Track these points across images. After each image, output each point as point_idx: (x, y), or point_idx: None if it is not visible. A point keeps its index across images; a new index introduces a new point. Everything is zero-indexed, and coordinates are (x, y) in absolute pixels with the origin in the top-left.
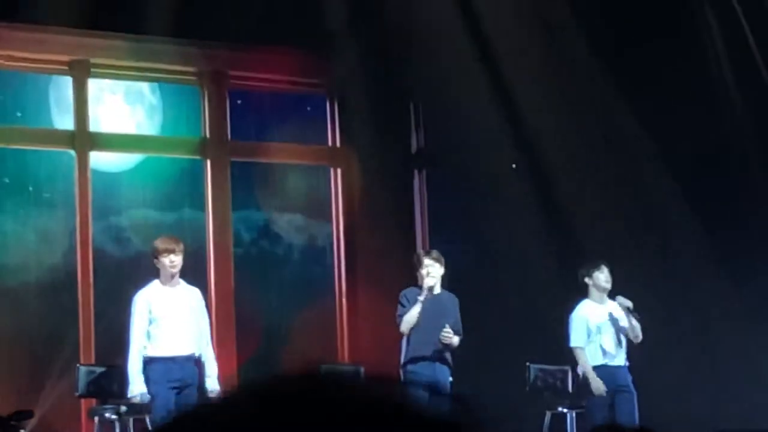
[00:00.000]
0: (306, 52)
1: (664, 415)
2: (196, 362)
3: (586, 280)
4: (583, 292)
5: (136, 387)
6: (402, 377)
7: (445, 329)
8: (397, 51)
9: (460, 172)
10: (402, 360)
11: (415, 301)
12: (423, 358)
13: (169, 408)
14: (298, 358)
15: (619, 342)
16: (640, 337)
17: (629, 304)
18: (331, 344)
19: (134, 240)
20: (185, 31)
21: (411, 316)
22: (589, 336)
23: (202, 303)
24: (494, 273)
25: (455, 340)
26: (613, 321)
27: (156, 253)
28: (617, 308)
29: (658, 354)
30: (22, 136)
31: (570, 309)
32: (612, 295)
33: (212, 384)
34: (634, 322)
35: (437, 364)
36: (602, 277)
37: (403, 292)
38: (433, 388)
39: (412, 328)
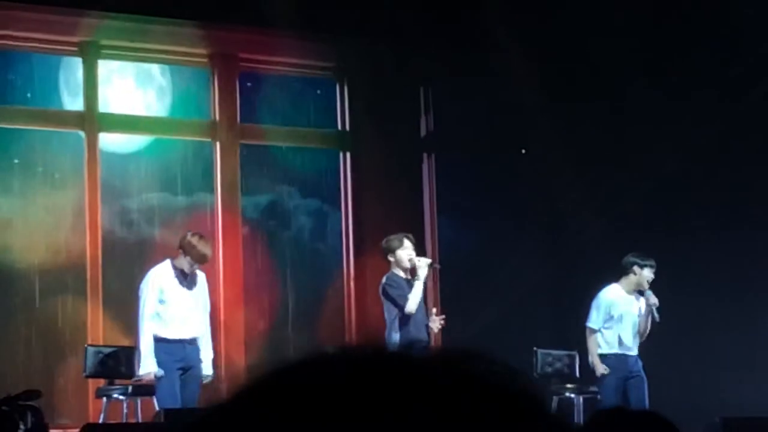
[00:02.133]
0: (316, 35)
1: (674, 401)
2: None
3: (635, 268)
4: (614, 276)
5: (148, 365)
6: None
7: (435, 314)
8: (407, 34)
9: (468, 156)
10: (396, 343)
11: (407, 288)
12: (416, 341)
13: (173, 389)
14: (307, 341)
15: (636, 334)
16: (645, 336)
17: (656, 301)
18: (340, 327)
19: (142, 221)
20: (196, 14)
21: (416, 295)
22: (609, 321)
23: (206, 286)
24: (502, 257)
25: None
26: (637, 313)
27: (189, 251)
28: (644, 303)
29: (668, 341)
30: (31, 117)
31: (580, 292)
32: None
33: (207, 369)
34: (650, 321)
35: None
36: (650, 276)
37: (386, 279)
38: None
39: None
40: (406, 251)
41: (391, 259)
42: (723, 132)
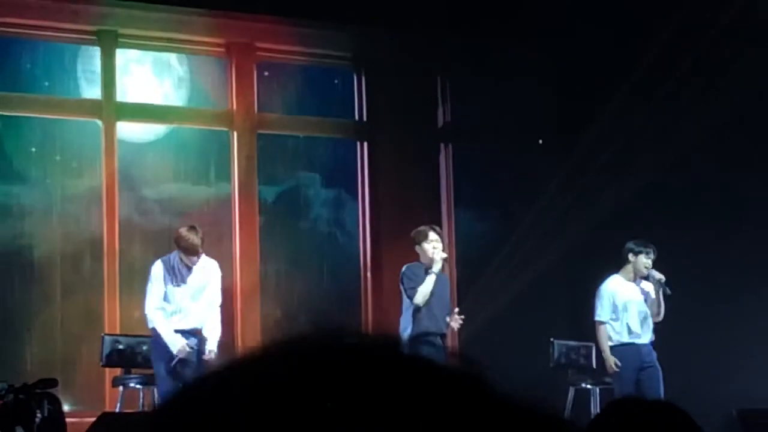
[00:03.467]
0: (334, 25)
1: (689, 392)
2: (199, 333)
3: (629, 256)
4: (617, 265)
5: (179, 343)
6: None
7: (456, 314)
8: (424, 25)
9: (485, 146)
10: (408, 334)
11: (424, 275)
12: (430, 334)
13: (169, 380)
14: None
15: (645, 320)
16: (662, 316)
17: (661, 276)
18: (356, 318)
19: (160, 210)
20: (214, 3)
21: (426, 288)
22: (615, 312)
23: (218, 275)
24: (519, 248)
25: (460, 322)
26: (643, 298)
27: (178, 244)
28: (648, 284)
29: (682, 332)
30: (49, 105)
31: (597, 284)
32: None
33: (211, 345)
34: (662, 298)
35: (439, 339)
36: (646, 262)
37: (407, 269)
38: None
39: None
40: (430, 244)
41: (418, 250)
42: (738, 120)
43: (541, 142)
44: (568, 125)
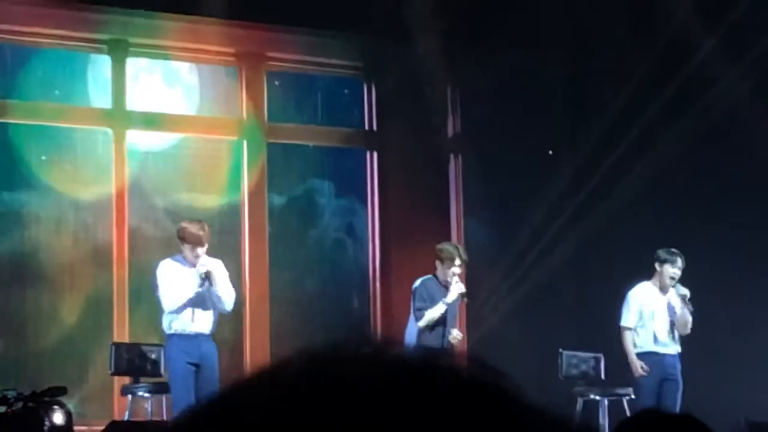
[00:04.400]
0: (344, 34)
1: (698, 403)
2: (214, 339)
3: (657, 265)
4: (643, 274)
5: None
6: None
7: (455, 333)
8: (434, 34)
9: (495, 157)
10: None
11: (438, 299)
12: (433, 349)
13: (187, 386)
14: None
15: (672, 330)
16: (689, 329)
17: (686, 292)
18: (365, 324)
19: (169, 219)
20: (224, 12)
21: (434, 315)
22: (641, 319)
23: (225, 274)
24: (528, 258)
25: (460, 337)
26: (669, 309)
27: (183, 236)
28: (674, 296)
29: (694, 342)
30: (59, 113)
31: (606, 293)
32: None
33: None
34: (687, 313)
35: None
36: (673, 271)
37: (421, 284)
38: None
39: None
40: (452, 269)
41: (437, 265)
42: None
43: (551, 152)
44: (578, 135)
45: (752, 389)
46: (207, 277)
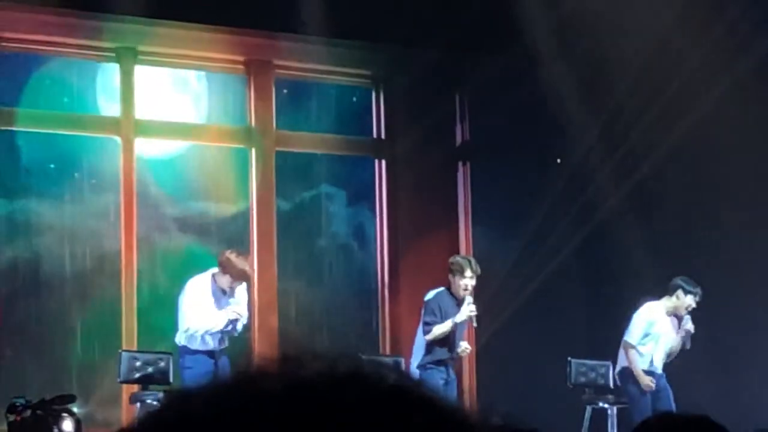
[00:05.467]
0: (352, 42)
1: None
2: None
3: (679, 292)
4: (650, 288)
5: (223, 319)
6: (419, 374)
7: (464, 346)
8: (443, 43)
9: (503, 165)
10: (419, 361)
11: (451, 313)
12: (441, 362)
13: None
14: (340, 348)
15: (667, 355)
16: (674, 356)
17: (691, 329)
18: (373, 336)
19: (178, 227)
20: (232, 20)
21: (442, 331)
22: (644, 338)
23: (245, 298)
24: (537, 266)
25: (469, 350)
26: (672, 336)
27: (228, 269)
28: (681, 328)
29: (699, 352)
30: (68, 122)
31: (614, 303)
32: None
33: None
34: (680, 346)
35: (450, 366)
36: (691, 302)
37: (434, 298)
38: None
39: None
40: (464, 282)
41: (450, 279)
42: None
43: (559, 161)
44: (586, 144)
45: (762, 398)
46: (234, 322)
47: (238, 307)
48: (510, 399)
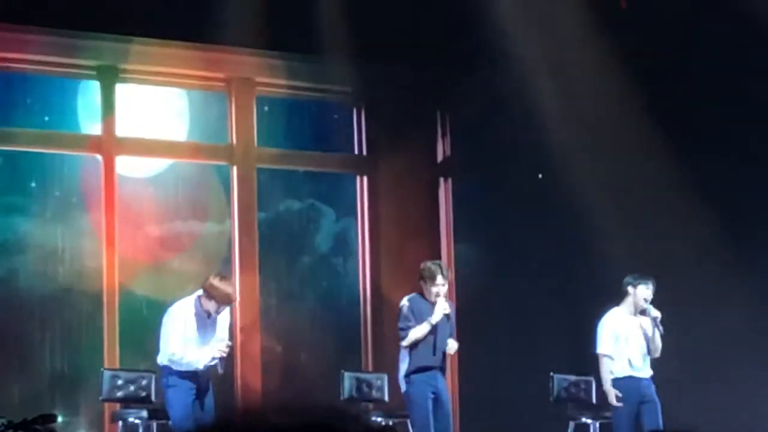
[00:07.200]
0: (333, 59)
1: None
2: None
3: (629, 288)
4: (615, 300)
5: (206, 357)
6: (406, 386)
7: (450, 344)
8: (424, 59)
9: (485, 181)
10: (405, 370)
11: (425, 315)
12: (427, 368)
13: (187, 407)
14: (323, 366)
15: (645, 354)
16: (659, 352)
17: (658, 314)
18: (356, 352)
19: (159, 245)
20: (213, 38)
21: (418, 334)
22: (616, 345)
23: (228, 318)
24: (519, 281)
25: (456, 347)
26: (643, 333)
27: (212, 294)
28: (645, 320)
29: (688, 362)
30: (49, 140)
31: (598, 317)
32: None
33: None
34: (658, 336)
35: (439, 373)
36: (647, 292)
37: (407, 302)
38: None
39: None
40: (435, 288)
41: (422, 286)
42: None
43: (540, 176)
44: (568, 159)
45: (763, 413)
46: (220, 360)
47: (223, 344)
48: (493, 414)
